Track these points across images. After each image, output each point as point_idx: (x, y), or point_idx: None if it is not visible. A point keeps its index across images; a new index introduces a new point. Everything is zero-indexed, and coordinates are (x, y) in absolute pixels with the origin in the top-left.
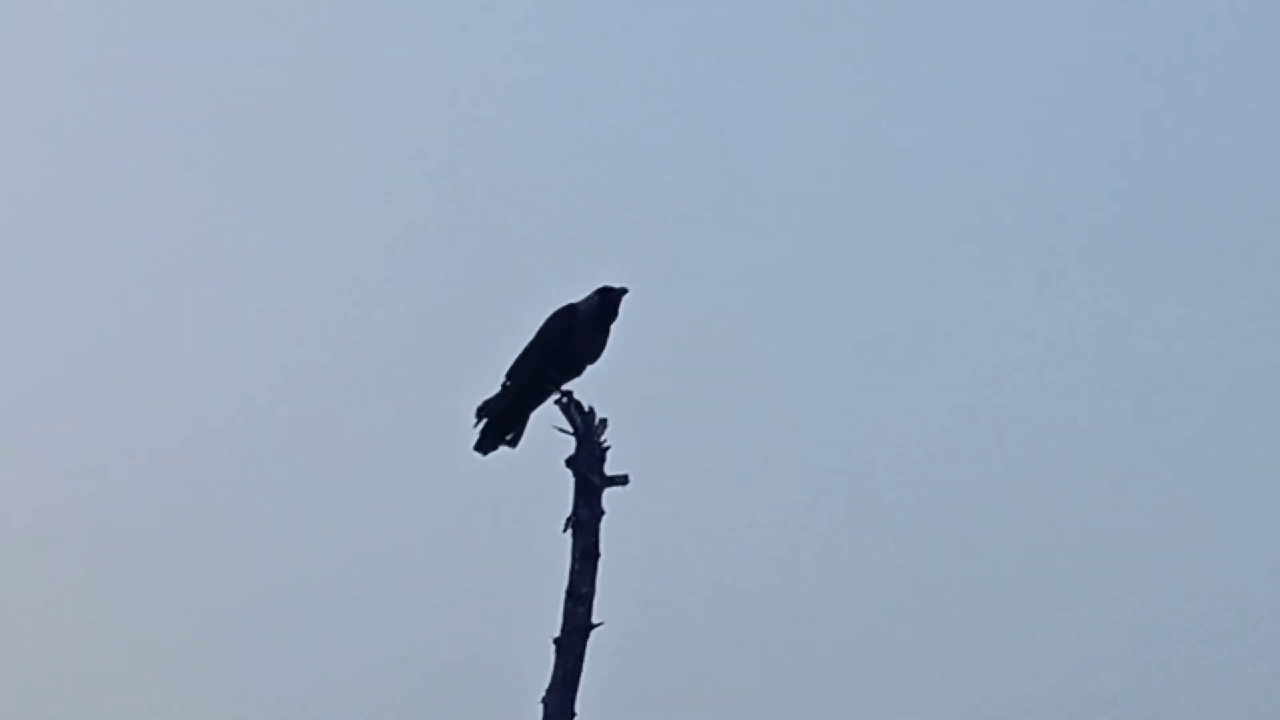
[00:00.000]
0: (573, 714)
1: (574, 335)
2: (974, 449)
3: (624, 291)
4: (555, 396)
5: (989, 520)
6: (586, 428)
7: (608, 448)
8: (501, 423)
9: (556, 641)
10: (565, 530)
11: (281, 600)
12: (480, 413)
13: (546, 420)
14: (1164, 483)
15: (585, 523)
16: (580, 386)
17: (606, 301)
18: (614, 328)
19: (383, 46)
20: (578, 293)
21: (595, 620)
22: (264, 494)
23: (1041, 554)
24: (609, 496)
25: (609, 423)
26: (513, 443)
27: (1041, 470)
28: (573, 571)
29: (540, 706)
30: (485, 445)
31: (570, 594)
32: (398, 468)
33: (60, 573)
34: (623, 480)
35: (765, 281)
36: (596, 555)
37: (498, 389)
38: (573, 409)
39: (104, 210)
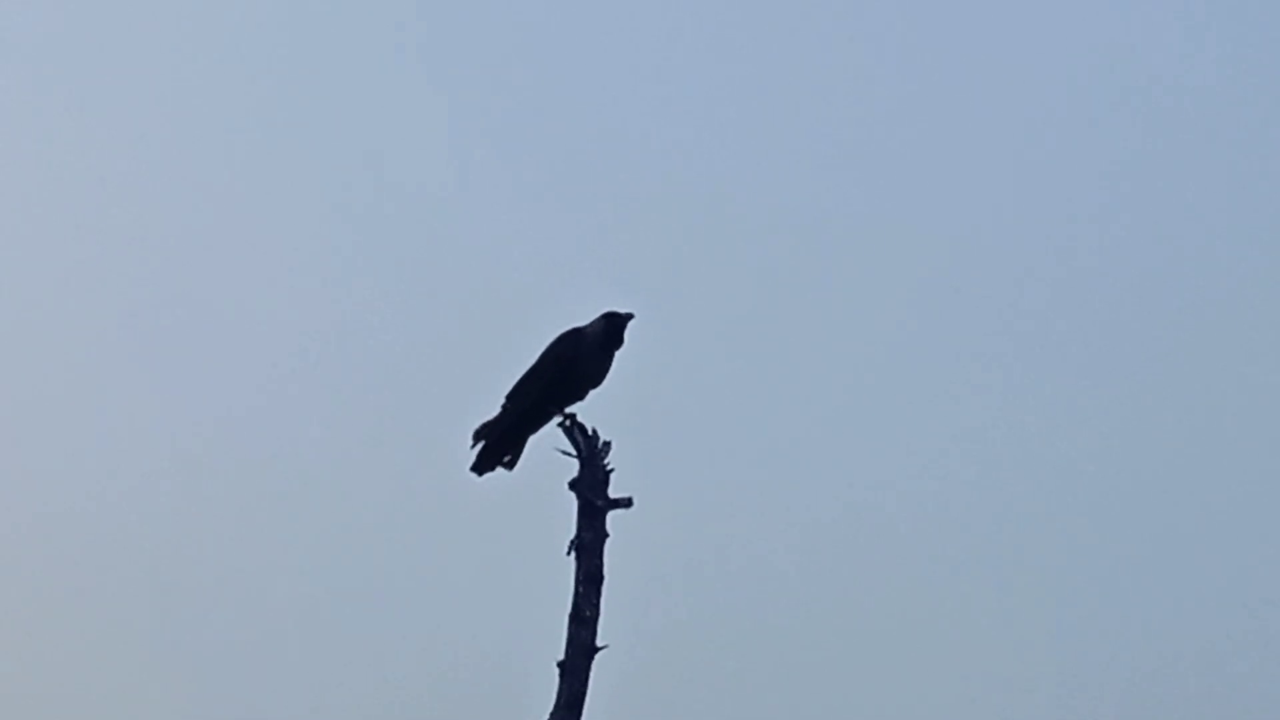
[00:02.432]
0: None
1: (579, 360)
2: (980, 471)
3: (630, 316)
4: (558, 419)
5: (994, 545)
6: (590, 450)
7: (611, 470)
8: (500, 445)
9: (560, 665)
10: (569, 553)
11: (284, 623)
12: (478, 435)
13: (550, 443)
14: (1161, 489)
15: (589, 545)
16: (583, 409)
17: (612, 326)
18: (617, 351)
19: (387, 61)
20: (581, 317)
21: (599, 643)
22: (263, 518)
23: (1043, 583)
24: (613, 519)
25: (612, 445)
26: (509, 465)
27: (1043, 489)
28: (577, 594)
29: None
30: (482, 467)
31: (574, 617)
32: (403, 488)
33: (66, 579)
34: (626, 503)
35: (769, 305)
36: (600, 578)
37: (497, 411)
38: (576, 431)
39: (108, 219)
